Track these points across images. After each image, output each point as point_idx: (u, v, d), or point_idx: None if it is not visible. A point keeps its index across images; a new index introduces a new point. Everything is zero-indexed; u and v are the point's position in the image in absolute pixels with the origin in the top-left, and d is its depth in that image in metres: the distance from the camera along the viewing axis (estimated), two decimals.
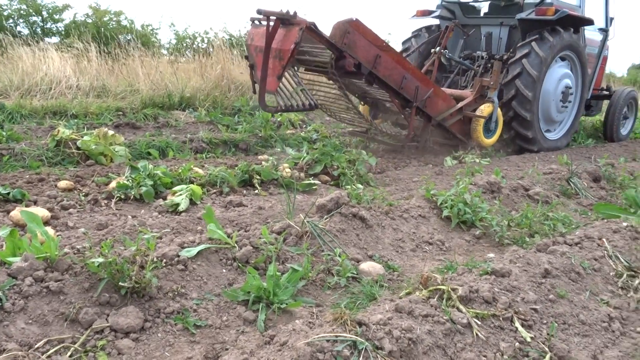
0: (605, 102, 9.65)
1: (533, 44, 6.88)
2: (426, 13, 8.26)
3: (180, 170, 4.51)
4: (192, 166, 4.70)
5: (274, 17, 4.84)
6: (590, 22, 7.80)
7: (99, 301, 2.31)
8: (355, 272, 2.94)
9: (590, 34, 8.48)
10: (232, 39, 12.93)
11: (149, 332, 2.27)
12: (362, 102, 6.67)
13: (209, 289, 2.63)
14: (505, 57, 7.34)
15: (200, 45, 12.71)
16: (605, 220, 3.87)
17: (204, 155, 5.90)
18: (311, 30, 5.02)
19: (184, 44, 12.81)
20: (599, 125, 10.39)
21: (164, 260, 2.63)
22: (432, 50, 7.73)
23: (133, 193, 4.06)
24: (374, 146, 7.28)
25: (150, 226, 3.36)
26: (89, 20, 12.75)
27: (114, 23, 12.79)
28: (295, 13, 4.88)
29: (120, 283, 2.32)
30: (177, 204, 3.88)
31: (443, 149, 6.80)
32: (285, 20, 4.87)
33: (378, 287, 2.77)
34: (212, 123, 7.51)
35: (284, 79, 5.17)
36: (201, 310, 2.47)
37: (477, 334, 2.22)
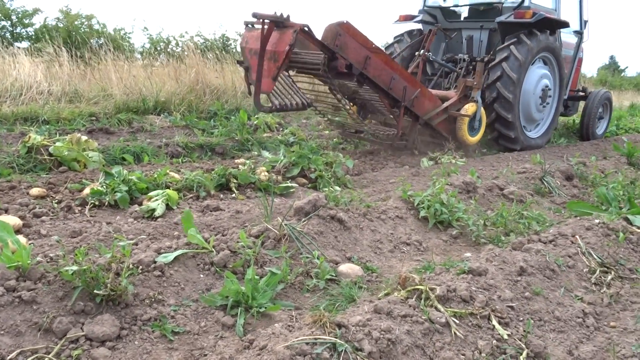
0: (581, 103, 9.95)
1: (512, 47, 7.09)
2: (409, 18, 8.47)
3: (155, 175, 4.46)
4: (167, 171, 4.65)
5: (269, 20, 4.95)
6: (566, 24, 8.09)
7: (73, 310, 2.26)
8: (334, 274, 2.94)
9: (566, 36, 8.77)
10: (207, 42, 12.86)
11: (126, 340, 2.24)
12: (351, 104, 6.81)
13: (187, 294, 2.60)
14: (486, 59, 7.55)
15: (174, 49, 12.59)
16: (578, 218, 3.95)
17: (180, 159, 5.84)
18: (305, 32, 5.18)
19: (158, 48, 12.68)
20: (571, 124, 10.63)
21: (140, 266, 2.59)
22: (417, 53, 7.95)
23: (108, 199, 4.00)
24: (350, 148, 7.31)
25: (126, 232, 3.32)
26: (60, 25, 12.53)
27: (85, 27, 12.58)
28: (288, 16, 5.04)
29: (95, 291, 2.28)
30: (153, 210, 3.84)
31: (430, 147, 6.98)
32: (280, 23, 5.02)
33: (357, 289, 2.78)
34: (188, 127, 7.45)
35: (278, 80, 5.30)
36: (179, 317, 2.44)
37: (455, 333, 2.24)
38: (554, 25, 7.70)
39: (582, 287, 2.97)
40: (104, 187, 4.11)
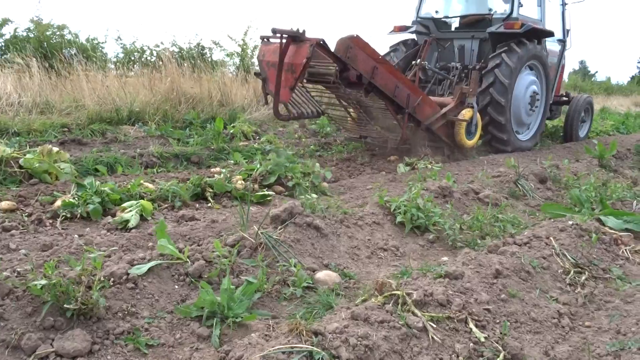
0: (565, 108, 10.48)
1: (503, 55, 7.51)
2: (403, 29, 8.87)
3: (129, 186, 4.39)
4: (142, 181, 4.58)
5: (287, 35, 5.38)
6: (551, 34, 8.65)
7: (42, 325, 2.20)
8: (311, 282, 2.92)
9: (551, 45, 9.24)
10: (182, 52, 12.76)
11: (98, 354, 2.18)
12: (352, 111, 7.16)
13: (161, 306, 2.55)
14: (478, 66, 7.97)
15: (149, 58, 12.47)
16: (552, 220, 4.00)
17: (154, 169, 5.76)
18: (320, 46, 5.58)
19: (132, 58, 12.54)
20: (547, 128, 10.87)
21: (112, 279, 2.53)
22: (413, 62, 8.42)
23: (80, 211, 3.92)
24: (327, 155, 7.31)
25: (98, 244, 3.25)
26: (31, 35, 12.30)
27: (57, 37, 12.37)
28: (304, 31, 5.46)
29: (65, 305, 2.23)
30: (127, 221, 3.77)
31: (431, 150, 7.19)
32: (296, 37, 5.43)
33: (334, 296, 2.76)
34: (163, 137, 7.36)
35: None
36: (153, 329, 2.39)
37: (432, 337, 2.24)
38: (540, 34, 8.22)
39: (557, 288, 3.01)
40: (76, 199, 4.03)
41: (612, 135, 12.16)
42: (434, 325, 2.31)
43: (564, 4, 9.65)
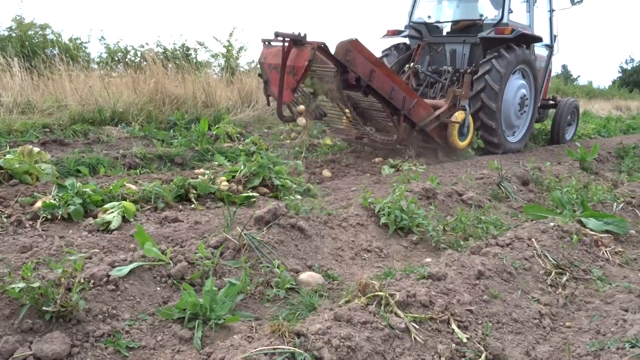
0: (551, 111, 10.77)
1: (493, 61, 7.72)
2: (396, 33, 9.07)
3: (111, 187, 4.34)
4: (124, 182, 4.53)
5: (289, 39, 5.60)
6: (539, 39, 8.88)
7: (20, 328, 2.16)
8: (294, 283, 2.91)
9: (539, 50, 9.44)
10: (167, 52, 12.67)
11: (77, 357, 2.15)
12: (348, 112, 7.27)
13: (143, 308, 2.53)
14: (469, 70, 8.21)
15: (133, 59, 12.36)
16: (534, 221, 4.04)
17: (137, 171, 5.70)
18: (322, 49, 5.76)
19: (116, 58, 12.42)
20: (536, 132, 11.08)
21: (93, 281, 2.50)
22: (407, 66, 8.63)
23: (61, 212, 3.86)
24: (312, 157, 7.30)
25: (79, 246, 3.20)
26: (13, 34, 12.12)
27: (39, 37, 12.21)
28: (305, 35, 5.65)
29: (44, 308, 2.19)
30: (109, 222, 3.72)
31: (425, 151, 7.56)
32: (298, 41, 5.63)
33: (317, 297, 2.76)
34: (147, 138, 7.31)
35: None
36: (134, 331, 2.36)
37: (415, 338, 2.24)
38: (529, 40, 8.40)
39: (538, 288, 3.03)
40: (57, 200, 3.97)
41: (594, 139, 12.33)
42: (417, 326, 2.31)
43: (551, 10, 9.90)
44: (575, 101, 10.87)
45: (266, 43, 6.22)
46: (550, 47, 9.93)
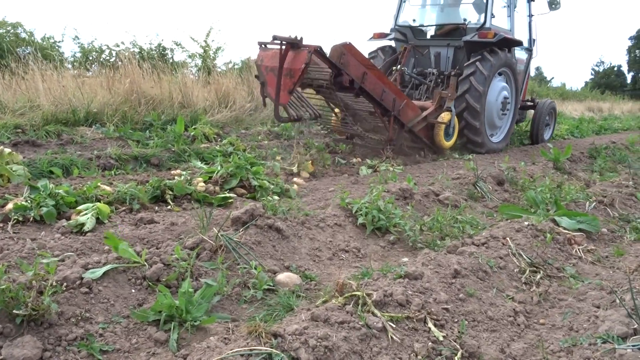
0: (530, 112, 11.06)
1: (477, 63, 8.02)
2: (382, 36, 9.34)
3: (85, 188, 4.27)
4: (99, 183, 4.46)
5: (286, 42, 5.73)
6: (520, 43, 9.22)
7: None
8: (272, 284, 2.90)
9: (519, 53, 9.78)
10: (143, 52, 12.53)
11: None
12: (338, 112, 7.55)
13: (117, 311, 2.49)
14: (453, 72, 8.48)
15: (108, 58, 12.19)
16: (509, 221, 4.09)
17: (112, 172, 5.62)
18: (318, 52, 5.91)
19: (90, 58, 12.23)
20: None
21: (65, 283, 2.45)
22: (393, 68, 8.87)
23: (33, 214, 3.78)
24: (290, 158, 7.28)
25: (52, 248, 3.14)
26: None
27: (11, 35, 11.96)
28: (302, 38, 5.78)
29: (15, 311, 2.14)
30: (82, 224, 3.66)
31: (412, 151, 7.78)
32: (295, 44, 5.74)
33: (295, 298, 2.75)
34: (122, 139, 7.19)
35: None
36: (108, 335, 2.32)
37: (392, 337, 2.25)
38: (510, 44, 8.76)
39: (513, 287, 3.07)
40: (29, 201, 3.88)
41: (567, 139, 12.56)
42: (394, 325, 2.32)
43: (530, 15, 10.27)
44: (552, 102, 11.25)
45: (262, 46, 6.33)
46: (529, 51, 10.26)
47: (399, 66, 8.56)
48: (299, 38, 5.76)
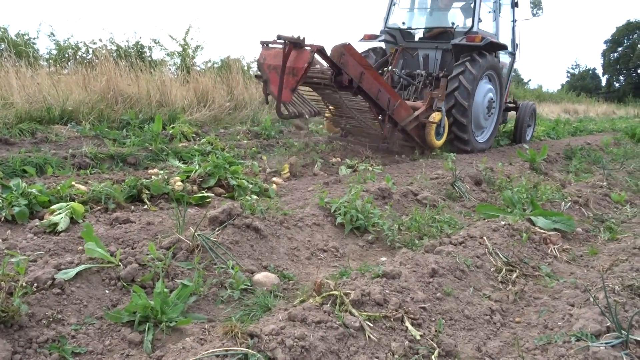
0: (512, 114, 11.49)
1: (467, 63, 8.33)
2: (372, 37, 9.58)
3: (59, 188, 4.18)
4: (73, 183, 4.38)
5: (289, 41, 5.91)
6: (505, 47, 9.55)
7: None
8: (249, 284, 2.88)
9: (503, 57, 10.05)
10: (120, 50, 12.34)
11: None
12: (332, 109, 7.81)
13: (90, 312, 2.44)
14: (441, 74, 8.71)
15: (84, 56, 11.96)
16: (486, 220, 4.13)
17: (88, 171, 5.51)
18: (320, 52, 6.12)
19: (66, 55, 11.99)
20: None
21: (37, 284, 2.40)
22: (385, 69, 9.17)
23: (4, 214, 3.69)
24: (269, 158, 7.26)
25: (23, 249, 3.07)
26: None
27: None
28: (304, 38, 5.97)
29: None
30: (56, 224, 3.58)
31: (404, 149, 8.05)
32: (298, 44, 5.94)
33: (272, 297, 2.73)
34: (98, 137, 7.07)
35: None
36: (80, 336, 2.28)
37: (369, 336, 2.25)
38: (496, 47, 9.05)
39: (489, 285, 3.10)
40: (1, 201, 3.80)
41: (543, 140, 12.74)
42: (371, 325, 2.32)
43: (514, 21, 10.59)
44: (533, 104, 11.65)
45: (265, 45, 6.52)
46: (512, 55, 10.58)
47: (390, 67, 8.81)
48: (301, 38, 5.96)
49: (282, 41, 5.94)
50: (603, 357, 2.07)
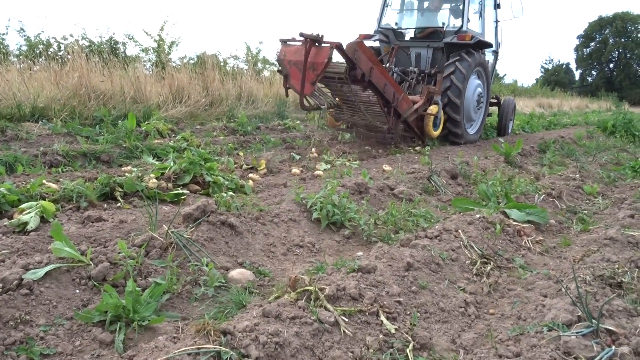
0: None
1: (457, 63, 8.87)
2: (367, 37, 9.98)
3: (29, 186, 4.09)
4: (43, 181, 4.28)
5: (309, 39, 6.33)
6: (491, 45, 10.12)
7: None
8: (224, 281, 2.85)
9: (487, 55, 10.45)
10: (93, 46, 12.12)
11: None
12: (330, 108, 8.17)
13: (60, 312, 2.38)
14: (433, 71, 9.37)
15: (56, 51, 11.72)
16: (462, 214, 4.16)
17: (59, 169, 5.40)
18: (339, 48, 6.53)
19: (37, 51, 11.73)
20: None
21: (3, 285, 2.33)
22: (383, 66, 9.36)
23: None
24: (246, 154, 7.21)
25: None
26: None
27: None
28: (323, 36, 6.39)
29: None
30: (25, 223, 3.50)
31: (405, 139, 8.67)
32: (317, 41, 6.39)
33: (247, 294, 2.71)
34: (70, 135, 6.93)
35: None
36: (50, 337, 2.22)
37: (344, 331, 2.24)
38: (483, 46, 9.60)
39: (464, 278, 3.12)
40: None
41: (518, 134, 12.90)
42: (346, 319, 2.31)
43: (497, 21, 11.23)
44: (514, 100, 12.41)
45: (284, 42, 7.01)
46: (495, 53, 11.19)
47: (387, 64, 9.16)
48: (320, 35, 6.38)
49: (302, 38, 6.39)
50: (574, 346, 2.09)
